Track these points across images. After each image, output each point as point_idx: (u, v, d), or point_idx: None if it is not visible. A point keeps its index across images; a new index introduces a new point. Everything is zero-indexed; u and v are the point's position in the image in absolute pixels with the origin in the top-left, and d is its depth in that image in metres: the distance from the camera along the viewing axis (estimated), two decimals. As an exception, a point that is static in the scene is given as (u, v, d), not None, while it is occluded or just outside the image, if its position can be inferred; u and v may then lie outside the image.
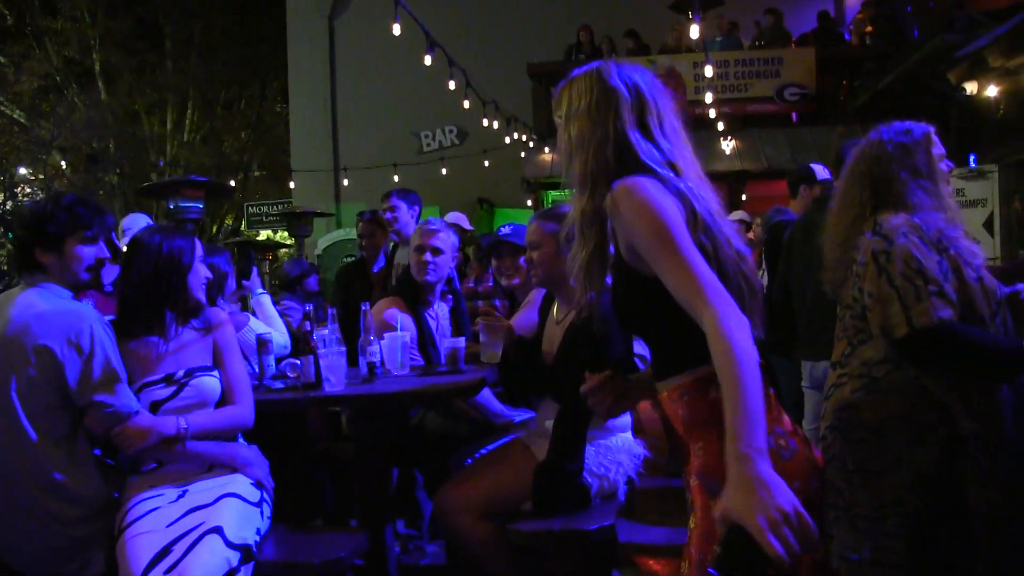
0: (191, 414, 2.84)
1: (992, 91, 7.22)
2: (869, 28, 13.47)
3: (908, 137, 2.62)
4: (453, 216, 7.56)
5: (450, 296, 4.31)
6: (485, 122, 12.83)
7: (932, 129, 2.65)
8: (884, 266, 2.42)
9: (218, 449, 2.88)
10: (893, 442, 2.45)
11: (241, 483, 2.84)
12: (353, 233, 9.68)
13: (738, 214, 7.16)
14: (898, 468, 2.44)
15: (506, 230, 3.99)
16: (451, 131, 16.39)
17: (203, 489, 2.79)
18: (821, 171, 5.09)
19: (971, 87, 7.31)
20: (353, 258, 8.45)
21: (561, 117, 1.87)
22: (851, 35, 14.07)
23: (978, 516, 2.40)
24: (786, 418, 1.80)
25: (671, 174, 1.77)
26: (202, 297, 2.99)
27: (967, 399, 2.39)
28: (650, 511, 5.40)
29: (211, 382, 2.92)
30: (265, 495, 2.90)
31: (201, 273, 2.99)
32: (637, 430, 3.45)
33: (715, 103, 11.15)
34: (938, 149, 2.62)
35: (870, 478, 2.47)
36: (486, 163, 14.81)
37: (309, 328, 3.31)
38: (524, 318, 3.71)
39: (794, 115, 12.99)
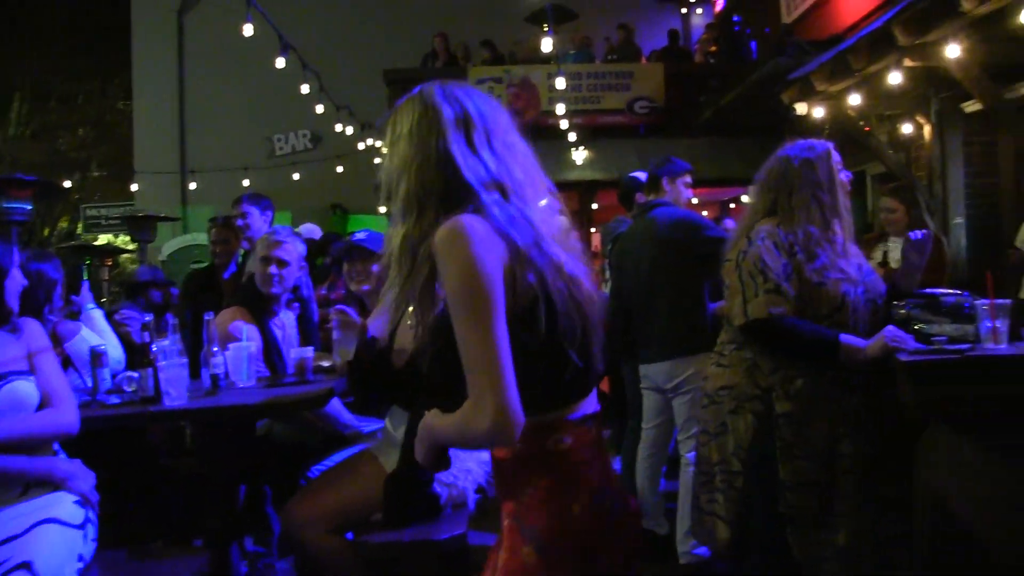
0: None
1: (819, 112, 7.66)
2: (713, 48, 14.06)
3: (812, 153, 2.96)
4: (307, 228, 7.45)
5: (296, 304, 4.24)
6: (339, 127, 12.70)
7: (832, 145, 2.99)
8: (740, 263, 2.84)
9: (29, 464, 2.67)
10: (722, 409, 2.89)
11: (62, 504, 2.66)
12: (201, 238, 9.41)
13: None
14: (724, 432, 2.88)
15: (360, 235, 3.96)
16: (305, 135, 16.16)
17: (15, 516, 2.58)
18: (646, 177, 5.30)
19: (801, 108, 7.72)
20: (201, 264, 8.21)
21: (387, 146, 1.82)
22: (697, 53, 14.64)
23: (787, 485, 2.77)
24: (616, 478, 1.82)
25: (495, 197, 1.71)
26: (14, 305, 2.83)
27: (788, 383, 2.78)
28: (495, 519, 5.45)
29: (26, 387, 2.72)
30: (91, 514, 2.73)
31: (17, 279, 2.85)
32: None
33: (567, 114, 11.38)
34: (836, 160, 2.97)
35: (710, 439, 2.94)
36: (340, 169, 14.65)
37: (148, 339, 3.17)
38: (377, 322, 3.73)
39: (642, 127, 13.40)
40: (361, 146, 13.71)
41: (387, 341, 3.39)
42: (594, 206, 13.16)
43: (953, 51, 5.57)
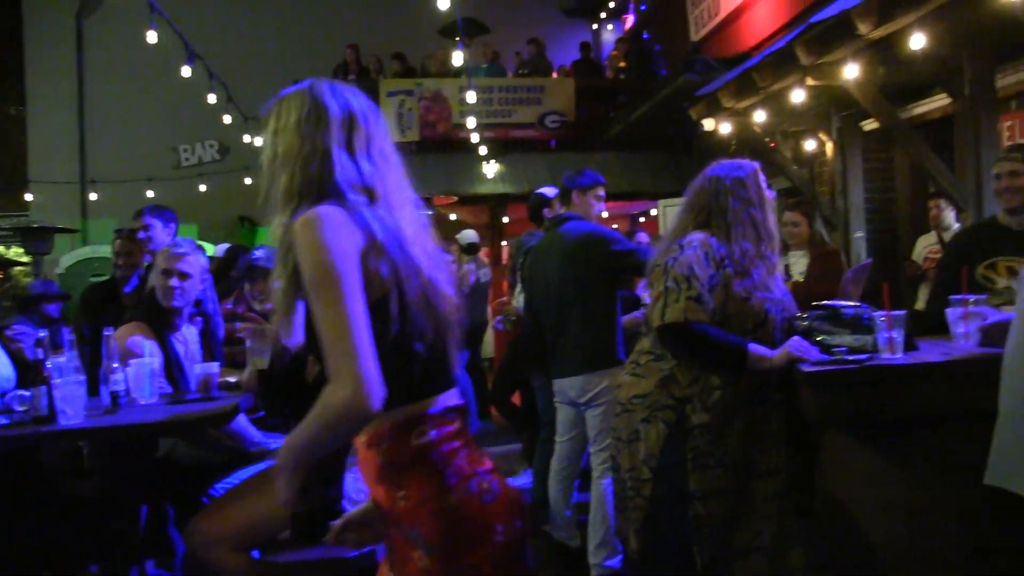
0: None
1: (726, 128, 7.83)
2: (623, 63, 14.27)
3: (742, 172, 3.04)
4: (221, 249, 7.25)
5: (199, 319, 4.13)
6: (247, 138, 12.50)
7: (759, 165, 3.07)
8: (668, 268, 2.87)
9: None
10: (635, 418, 2.91)
11: None
12: (102, 251, 9.11)
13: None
14: (636, 440, 2.90)
15: (259, 253, 3.89)
16: (212, 146, 15.86)
17: None
18: (551, 191, 5.32)
19: (708, 124, 7.88)
20: (102, 278, 7.94)
21: (269, 133, 1.83)
22: (608, 69, 14.84)
23: (697, 496, 2.81)
24: (488, 461, 1.82)
25: (362, 199, 1.75)
26: None
27: (706, 394, 2.82)
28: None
29: None
30: None
31: None
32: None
33: (479, 128, 11.41)
34: (763, 179, 3.06)
35: (623, 447, 2.95)
36: (248, 180, 14.38)
37: (42, 356, 3.01)
38: (293, 337, 3.65)
39: (552, 141, 13.52)
40: (270, 158, 13.48)
41: (301, 351, 3.34)
42: (505, 219, 13.22)
43: (852, 71, 5.75)
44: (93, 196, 15.02)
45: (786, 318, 2.98)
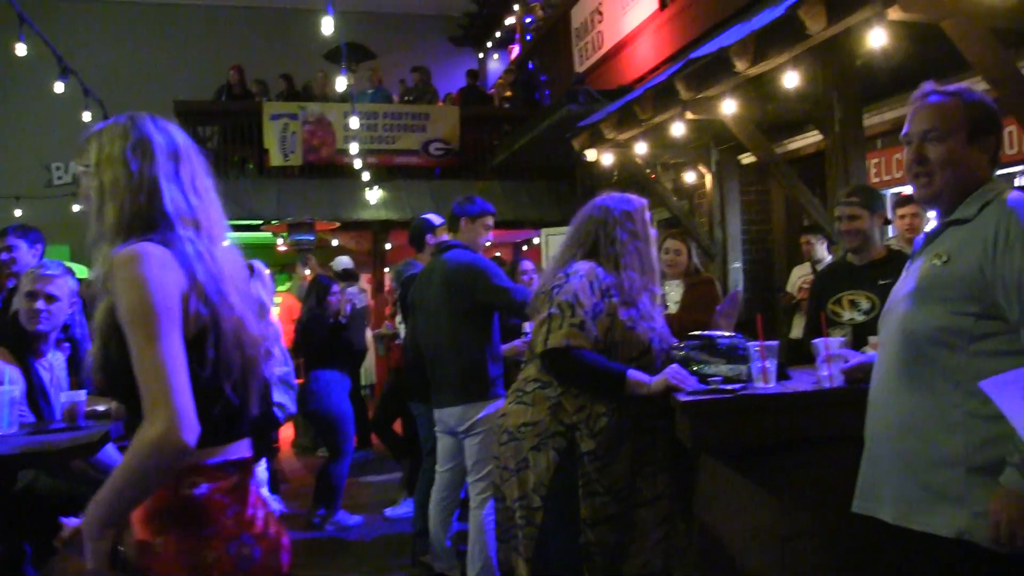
0: None
1: (608, 159, 7.94)
2: (508, 93, 14.38)
3: (630, 205, 3.13)
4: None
5: (67, 344, 3.97)
6: (122, 158, 12.03)
7: (646, 202, 3.18)
8: (552, 296, 2.93)
9: None
10: (524, 446, 2.93)
11: None
12: (-42, 272, 8.60)
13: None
14: (525, 468, 2.92)
15: None
16: (87, 165, 15.24)
17: None
18: (437, 219, 5.32)
19: (591, 154, 7.97)
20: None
21: (89, 165, 1.79)
22: (493, 98, 14.93)
23: (586, 522, 2.84)
24: (259, 523, 1.80)
25: (189, 232, 1.76)
26: None
27: (592, 421, 2.86)
28: (292, 563, 5.24)
29: None
30: None
31: None
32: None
33: (362, 153, 11.30)
34: (648, 215, 3.17)
35: (510, 475, 2.97)
36: (123, 200, 13.88)
37: None
38: None
39: (437, 169, 13.50)
40: (147, 179, 13.03)
41: None
42: (388, 246, 13.09)
43: (729, 107, 5.91)
44: (-47, 214, 14.25)
45: (663, 348, 3.04)
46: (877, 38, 4.14)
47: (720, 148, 8.35)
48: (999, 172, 2.67)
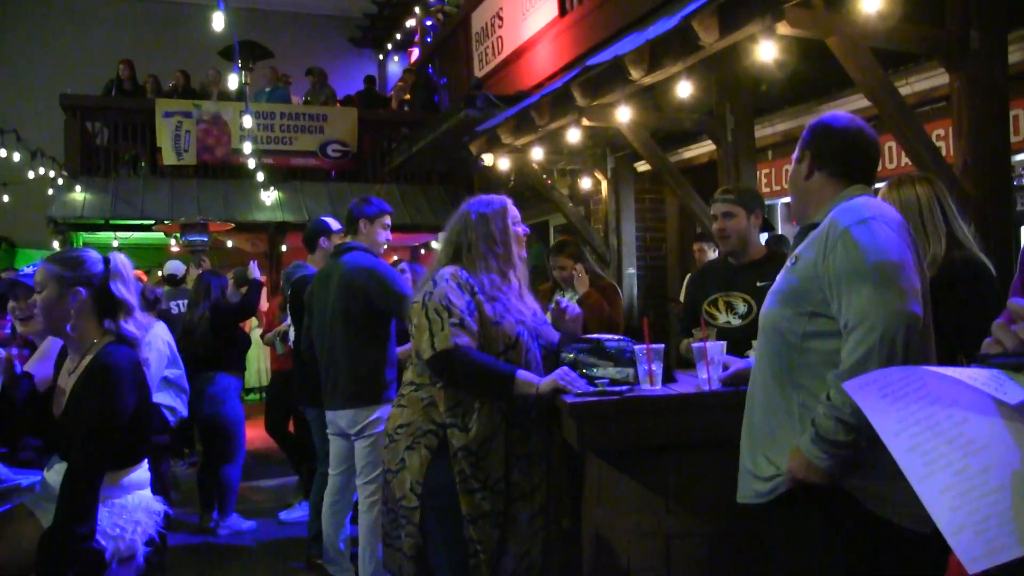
0: None
1: (504, 164, 7.97)
2: (407, 96, 14.32)
3: (489, 208, 3.17)
4: None
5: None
6: (3, 152, 11.56)
7: (509, 200, 3.21)
8: (426, 303, 2.96)
9: None
10: (400, 447, 3.00)
11: None
12: None
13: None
14: (403, 469, 2.98)
15: (29, 269, 3.62)
16: (-35, 159, 14.56)
17: None
18: (335, 223, 5.28)
19: (488, 159, 7.99)
20: None
21: None
22: (392, 100, 14.84)
23: (467, 518, 2.90)
24: None
25: None
26: None
27: (466, 417, 2.92)
28: (183, 570, 5.15)
29: None
30: None
31: None
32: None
33: (256, 153, 11.09)
34: (513, 215, 3.19)
35: (392, 476, 3.03)
36: (5, 198, 13.31)
37: None
38: (40, 368, 3.43)
39: (333, 171, 13.35)
40: (31, 175, 12.53)
41: (47, 385, 3.11)
42: (284, 248, 12.88)
43: (624, 114, 5.99)
44: None
45: (543, 344, 3.13)
46: (767, 51, 4.25)
47: (616, 155, 8.47)
48: (878, 185, 2.82)
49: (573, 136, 6.71)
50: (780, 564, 2.25)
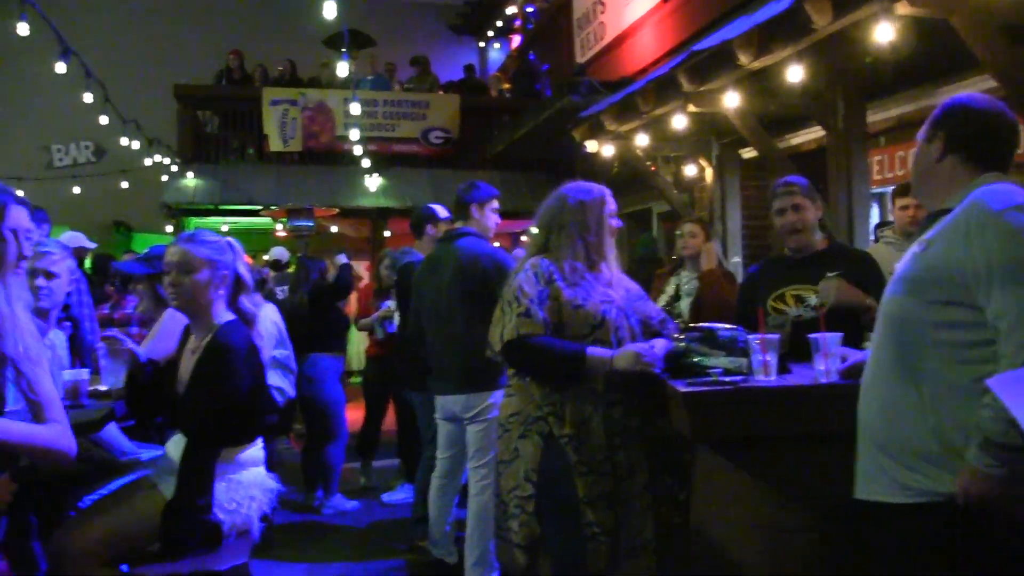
0: None
1: (608, 151, 7.93)
2: (506, 85, 14.35)
3: (588, 196, 3.14)
4: (70, 236, 7.00)
5: (68, 324, 3.98)
6: (124, 141, 12.02)
7: (608, 191, 3.17)
8: (503, 295, 3.00)
9: None
10: (513, 436, 3.01)
11: None
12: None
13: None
14: (516, 458, 2.98)
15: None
16: (87, 147, 15.19)
17: None
18: (442, 210, 5.31)
19: (591, 145, 7.96)
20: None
21: None
22: (492, 87, 14.89)
23: (584, 500, 2.88)
24: None
25: None
26: None
27: (560, 407, 2.93)
28: (288, 547, 5.30)
29: None
30: None
31: None
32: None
33: (362, 140, 11.27)
34: (610, 207, 3.15)
35: (505, 468, 3.04)
36: (124, 184, 13.85)
37: None
38: (159, 347, 3.57)
39: (435, 158, 13.48)
40: (148, 162, 13.02)
41: (171, 364, 3.28)
42: (387, 233, 13.08)
43: (731, 100, 5.90)
44: (-47, 195, 14.20)
45: (641, 320, 3.12)
46: (884, 33, 4.11)
47: (721, 142, 8.33)
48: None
49: (678, 122, 6.64)
50: (893, 569, 2.16)
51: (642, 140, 7.49)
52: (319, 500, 6.24)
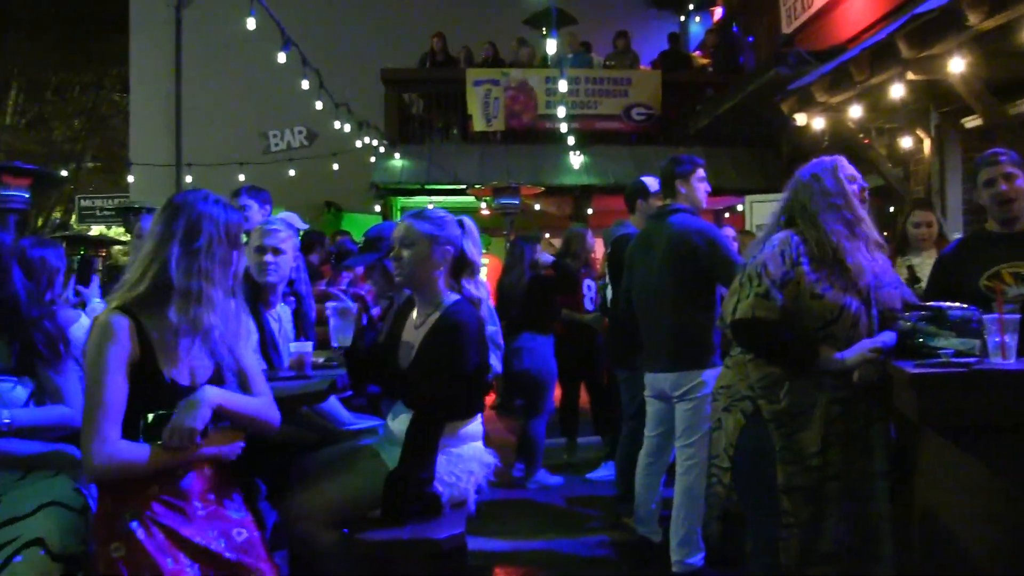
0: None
1: (819, 123, 7.66)
2: (706, 60, 14.07)
3: (819, 167, 3.06)
4: (286, 216, 7.46)
5: (292, 299, 4.18)
6: (336, 124, 12.68)
7: (841, 158, 3.06)
8: (746, 267, 2.94)
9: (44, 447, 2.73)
10: (719, 406, 3.04)
11: (63, 488, 2.69)
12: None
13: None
14: (719, 429, 3.02)
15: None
16: (300, 132, 16.02)
17: (19, 499, 2.61)
18: (654, 184, 5.15)
19: (801, 118, 7.72)
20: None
21: None
22: (695, 62, 14.65)
23: (782, 488, 2.84)
24: None
25: None
26: None
27: (773, 388, 2.87)
28: (493, 521, 5.45)
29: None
30: (88, 501, 2.73)
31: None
32: None
33: (567, 118, 11.37)
34: (845, 172, 3.03)
35: (710, 435, 3.14)
36: (335, 166, 14.58)
37: None
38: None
39: (637, 134, 13.42)
40: (358, 144, 13.67)
41: (391, 338, 3.40)
42: (589, 211, 13.15)
43: (957, 65, 5.58)
44: (188, 179, 15.36)
45: (881, 311, 2.95)
46: None
47: (941, 111, 7.85)
48: None
49: (895, 92, 6.34)
50: None
51: (855, 112, 7.19)
52: (520, 472, 6.37)
